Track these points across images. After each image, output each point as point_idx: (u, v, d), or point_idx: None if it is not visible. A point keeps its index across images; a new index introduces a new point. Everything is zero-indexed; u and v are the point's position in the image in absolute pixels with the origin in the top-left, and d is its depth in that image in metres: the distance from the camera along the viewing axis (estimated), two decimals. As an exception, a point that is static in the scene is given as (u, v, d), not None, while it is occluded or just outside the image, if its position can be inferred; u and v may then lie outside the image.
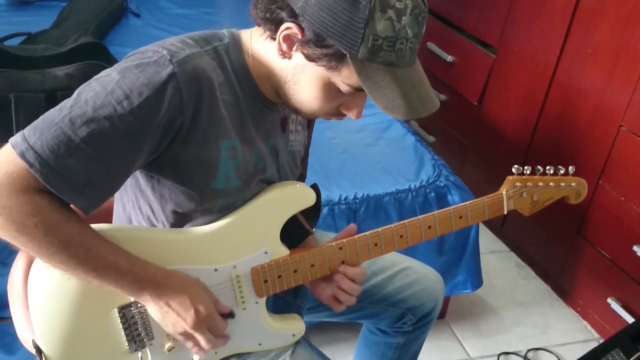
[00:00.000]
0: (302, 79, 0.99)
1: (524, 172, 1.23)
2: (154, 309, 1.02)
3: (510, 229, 2.70)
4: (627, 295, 2.12)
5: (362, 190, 1.91)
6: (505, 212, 1.25)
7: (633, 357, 1.60)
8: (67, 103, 0.93)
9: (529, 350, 2.17)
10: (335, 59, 0.93)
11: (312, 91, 0.99)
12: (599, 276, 2.23)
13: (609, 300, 2.16)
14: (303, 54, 0.95)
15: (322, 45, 0.92)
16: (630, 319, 2.06)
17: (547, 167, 1.25)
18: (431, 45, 3.01)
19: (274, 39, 0.97)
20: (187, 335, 1.05)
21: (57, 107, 0.93)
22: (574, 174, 1.27)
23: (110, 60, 2.11)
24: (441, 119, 3.03)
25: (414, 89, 0.94)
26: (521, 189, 1.24)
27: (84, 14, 2.77)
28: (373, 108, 2.66)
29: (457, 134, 2.94)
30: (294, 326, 1.21)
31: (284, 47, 0.96)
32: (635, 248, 2.02)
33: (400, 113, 0.93)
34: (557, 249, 2.41)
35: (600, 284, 2.23)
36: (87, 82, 0.95)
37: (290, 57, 0.98)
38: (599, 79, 2.13)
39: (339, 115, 1.06)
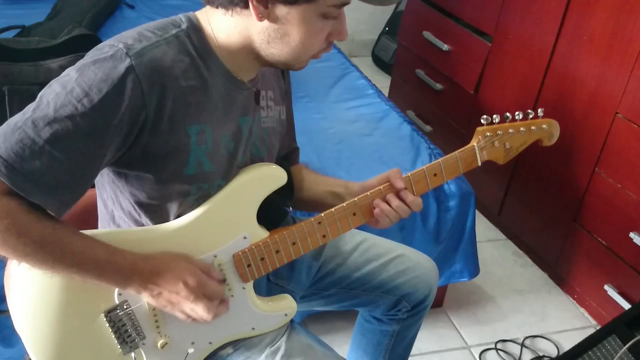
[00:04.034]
0: (289, 28, 0.99)
1: (493, 121, 1.21)
2: (145, 294, 1.02)
3: (507, 217, 2.70)
4: (624, 282, 2.12)
5: (359, 180, 1.90)
6: (479, 164, 1.22)
7: (629, 343, 1.60)
8: (30, 107, 0.93)
9: (526, 338, 2.18)
10: None
11: (302, 33, 1.00)
12: (596, 263, 2.23)
13: (606, 287, 2.17)
14: (282, 2, 0.96)
15: None
16: (626, 305, 2.06)
17: (517, 113, 1.21)
18: (427, 34, 3.00)
19: (247, 7, 0.97)
20: (188, 311, 1.04)
21: (21, 112, 0.93)
22: (544, 117, 1.24)
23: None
24: (438, 108, 3.03)
25: None
26: (492, 138, 1.21)
27: (78, 6, 2.76)
28: (368, 98, 2.67)
29: (453, 123, 2.93)
30: (285, 306, 1.20)
31: (261, 8, 0.97)
32: (631, 235, 2.02)
33: None
34: (554, 237, 2.42)
35: (597, 271, 2.24)
36: (48, 84, 0.95)
37: (268, 16, 0.98)
38: (595, 66, 2.12)
39: (328, 46, 1.07)
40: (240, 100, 1.10)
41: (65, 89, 0.92)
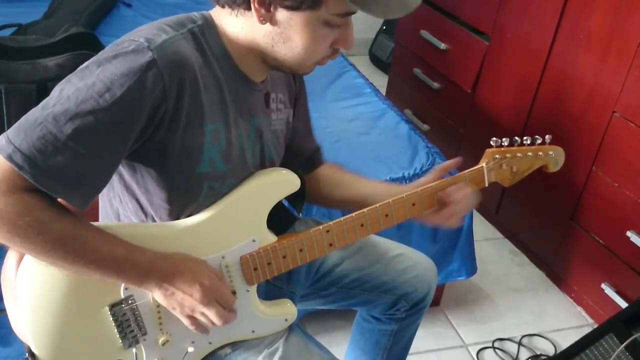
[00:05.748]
0: (292, 33, 0.99)
1: (502, 143, 1.23)
2: (158, 293, 1.02)
3: (504, 216, 2.70)
4: (621, 281, 2.12)
5: (356, 179, 1.91)
6: (487, 185, 1.25)
7: (626, 342, 1.61)
8: (49, 101, 0.92)
9: (523, 337, 2.18)
10: None
11: (305, 39, 0.99)
12: (593, 262, 2.24)
13: (603, 285, 2.17)
14: (284, 7, 0.95)
15: None
16: (623, 304, 2.07)
17: (525, 138, 1.24)
18: (424, 33, 3.00)
19: (249, 9, 0.97)
20: (196, 314, 1.04)
21: (39, 106, 0.92)
22: (550, 143, 1.27)
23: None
24: (435, 107, 3.03)
25: None
26: (500, 160, 1.24)
27: (75, 5, 2.75)
28: (366, 97, 2.67)
29: (451, 122, 2.94)
30: (286, 311, 1.21)
31: (262, 11, 0.96)
32: (628, 233, 2.03)
33: (399, 11, 0.94)
34: (551, 236, 2.42)
35: (594, 269, 2.24)
36: (66, 78, 0.94)
37: (271, 19, 0.98)
38: (592, 65, 2.12)
39: (334, 53, 1.06)
40: (252, 102, 1.10)
41: (86, 84, 0.91)
